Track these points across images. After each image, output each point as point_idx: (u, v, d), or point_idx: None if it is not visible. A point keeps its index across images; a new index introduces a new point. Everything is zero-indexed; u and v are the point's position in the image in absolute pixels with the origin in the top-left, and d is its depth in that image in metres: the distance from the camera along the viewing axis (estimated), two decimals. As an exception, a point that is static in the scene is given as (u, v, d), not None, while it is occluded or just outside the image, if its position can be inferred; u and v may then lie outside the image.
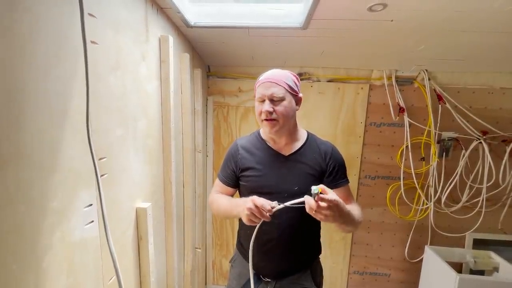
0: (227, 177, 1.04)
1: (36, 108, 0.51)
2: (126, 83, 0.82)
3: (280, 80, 0.90)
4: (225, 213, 0.97)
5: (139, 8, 0.90)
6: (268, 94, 0.89)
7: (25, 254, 0.49)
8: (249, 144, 1.03)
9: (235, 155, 1.02)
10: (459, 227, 1.96)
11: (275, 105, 0.89)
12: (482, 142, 1.79)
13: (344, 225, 0.84)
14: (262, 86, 0.91)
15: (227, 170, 1.04)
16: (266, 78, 0.91)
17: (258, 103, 0.93)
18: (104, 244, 0.73)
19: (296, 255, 1.01)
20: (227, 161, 1.04)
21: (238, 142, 1.05)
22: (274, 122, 0.90)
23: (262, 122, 0.93)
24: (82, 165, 0.64)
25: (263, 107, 0.90)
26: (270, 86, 0.89)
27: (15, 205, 0.47)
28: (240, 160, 1.00)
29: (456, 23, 1.11)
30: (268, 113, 0.89)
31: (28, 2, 0.48)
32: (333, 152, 1.00)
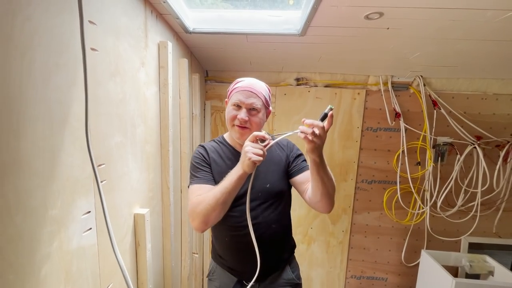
0: (208, 176, 0.94)
1: (36, 116, 0.50)
2: (125, 89, 0.83)
3: (259, 92, 0.92)
4: (223, 194, 0.81)
5: (138, 14, 0.90)
6: (247, 103, 0.90)
7: (22, 264, 0.49)
8: (215, 153, 0.98)
9: (207, 158, 0.96)
10: (454, 231, 1.98)
11: (251, 115, 0.91)
12: (476, 147, 1.82)
13: (324, 174, 0.82)
14: (241, 93, 0.91)
15: (205, 170, 0.94)
16: (247, 87, 0.91)
17: (232, 107, 0.92)
18: (102, 252, 0.73)
19: (277, 252, 1.02)
20: (201, 164, 0.95)
21: (205, 146, 0.99)
22: (246, 130, 0.91)
23: (233, 127, 0.93)
24: (81, 172, 0.63)
25: (239, 114, 0.90)
26: (250, 96, 0.90)
27: (14, 214, 0.47)
28: (211, 164, 0.96)
29: (450, 32, 1.13)
30: (244, 121, 0.89)
31: (28, 10, 0.48)
32: (289, 144, 1.05)
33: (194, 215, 0.84)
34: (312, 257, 2.10)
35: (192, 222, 0.86)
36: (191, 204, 0.87)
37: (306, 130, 0.74)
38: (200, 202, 0.84)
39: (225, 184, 0.81)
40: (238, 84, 0.94)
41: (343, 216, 2.05)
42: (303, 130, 0.74)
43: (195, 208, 0.84)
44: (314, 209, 0.94)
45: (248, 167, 0.77)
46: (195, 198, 0.87)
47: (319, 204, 0.89)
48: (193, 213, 0.85)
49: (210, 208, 0.81)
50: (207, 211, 0.82)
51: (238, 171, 0.80)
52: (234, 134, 0.94)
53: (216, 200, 0.81)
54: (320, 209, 0.92)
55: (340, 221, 2.06)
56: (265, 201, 0.95)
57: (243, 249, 0.95)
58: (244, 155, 0.77)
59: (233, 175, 0.81)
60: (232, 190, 0.81)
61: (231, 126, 0.93)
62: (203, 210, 0.82)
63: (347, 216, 2.05)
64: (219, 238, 1.02)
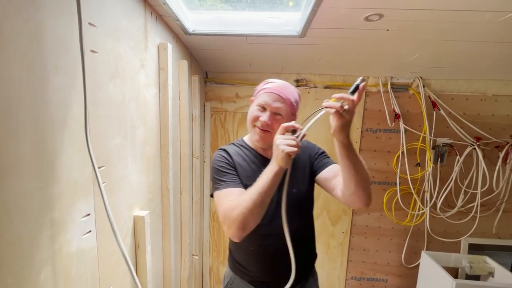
0: (236, 180, 0.87)
1: (35, 118, 0.50)
2: (125, 91, 0.82)
3: (288, 99, 0.87)
4: (261, 194, 0.74)
5: (138, 16, 0.90)
6: (273, 106, 0.85)
7: (22, 267, 0.49)
8: (238, 156, 0.93)
9: (231, 161, 0.91)
10: (454, 232, 1.98)
11: (275, 120, 0.86)
12: (476, 148, 1.82)
13: (354, 158, 0.74)
14: (268, 95, 0.86)
15: (232, 174, 0.88)
16: (276, 90, 0.86)
17: (256, 107, 0.88)
18: (101, 254, 0.73)
19: (303, 262, 0.95)
20: (226, 167, 0.89)
21: (226, 149, 0.94)
22: (267, 133, 0.87)
23: (254, 128, 0.89)
24: (80, 175, 0.63)
25: (262, 116, 0.86)
26: (278, 100, 0.86)
27: (13, 217, 0.46)
28: (236, 168, 0.90)
29: (449, 33, 1.14)
30: (266, 124, 0.86)
31: (28, 12, 0.48)
32: (309, 144, 1.00)
33: (229, 222, 0.75)
34: (312, 258, 2.10)
35: (228, 230, 0.76)
36: (223, 210, 0.79)
37: (334, 104, 0.67)
38: (235, 207, 0.75)
39: (260, 183, 0.74)
40: (268, 85, 0.89)
41: (343, 217, 2.05)
42: (331, 105, 0.68)
43: (230, 214, 0.75)
44: (350, 205, 0.85)
45: (283, 161, 0.70)
46: (228, 204, 0.78)
47: (354, 196, 0.78)
48: (228, 220, 0.75)
49: (248, 212, 0.73)
50: (245, 216, 0.73)
51: (273, 168, 0.74)
52: (254, 135, 0.90)
53: (253, 202, 0.73)
54: (356, 202, 0.80)
55: (340, 222, 2.05)
56: (292, 207, 0.86)
57: (270, 259, 0.91)
58: (276, 149, 0.71)
59: (268, 173, 0.74)
60: (269, 189, 0.74)
61: (252, 126, 0.89)
62: (240, 215, 0.73)
63: (347, 217, 2.05)
64: (241, 247, 0.95)
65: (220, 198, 0.83)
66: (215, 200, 0.86)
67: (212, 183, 0.89)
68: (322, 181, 0.93)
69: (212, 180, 0.89)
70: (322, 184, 0.93)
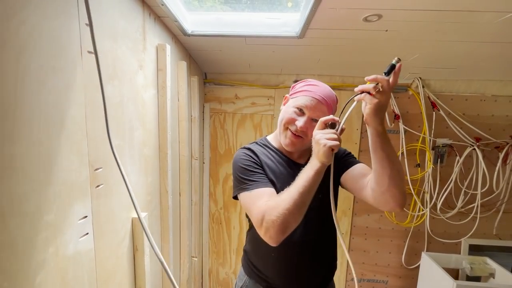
0: (266, 179, 0.81)
1: (32, 120, 0.50)
2: (123, 92, 0.82)
3: (330, 105, 0.81)
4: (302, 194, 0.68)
5: (136, 17, 0.90)
6: (314, 113, 0.79)
7: (17, 271, 0.48)
8: (265, 156, 0.87)
9: (257, 160, 0.84)
10: (455, 233, 1.97)
11: (311, 126, 0.79)
12: (475, 148, 1.82)
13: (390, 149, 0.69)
14: (311, 99, 0.79)
15: (261, 173, 0.81)
16: (321, 94, 0.80)
17: (293, 109, 0.81)
18: (99, 257, 0.72)
19: (326, 272, 0.93)
20: (253, 166, 0.82)
21: (251, 147, 0.88)
22: (299, 139, 0.82)
23: (286, 130, 0.83)
24: (77, 177, 0.63)
25: (299, 120, 0.80)
26: (320, 106, 0.79)
27: (8, 220, 0.46)
28: (264, 168, 0.84)
29: (449, 34, 1.14)
30: (302, 131, 0.80)
31: (24, 14, 0.48)
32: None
33: (267, 225, 0.69)
34: (312, 260, 2.09)
35: (266, 233, 0.70)
36: (259, 212, 0.71)
37: (367, 87, 0.64)
38: (274, 208, 0.69)
39: (301, 182, 0.69)
40: (311, 88, 0.82)
41: (343, 218, 2.04)
42: (364, 88, 0.64)
43: (268, 216, 0.69)
44: (381, 206, 0.76)
45: (325, 157, 0.66)
46: (264, 205, 0.71)
47: (387, 195, 0.71)
48: (267, 223, 0.69)
49: (288, 214, 0.67)
50: (285, 217, 0.67)
51: (314, 165, 0.69)
52: (284, 139, 0.84)
53: (295, 202, 0.67)
54: (390, 201, 0.71)
55: (340, 223, 2.05)
56: (319, 214, 0.83)
57: (294, 268, 0.86)
58: (317, 145, 0.67)
59: (308, 171, 0.69)
60: (311, 188, 0.69)
61: (284, 128, 0.83)
62: (280, 216, 0.67)
63: (347, 218, 2.04)
64: (261, 251, 0.90)
65: (251, 199, 0.77)
66: (244, 201, 0.79)
67: (237, 183, 0.82)
68: (349, 181, 0.85)
69: (237, 180, 0.82)
70: (350, 184, 0.86)
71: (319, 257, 0.89)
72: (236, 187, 0.82)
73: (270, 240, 0.70)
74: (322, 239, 0.88)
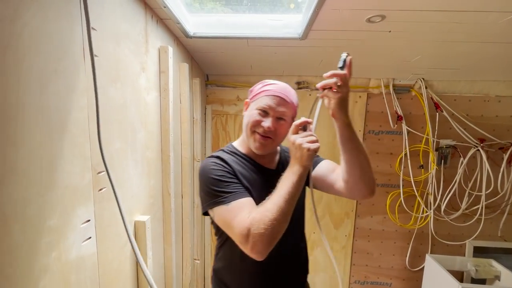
0: (243, 189, 0.75)
1: (34, 124, 0.49)
2: (125, 95, 0.82)
3: (292, 102, 0.80)
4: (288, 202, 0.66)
5: (139, 20, 0.90)
6: (278, 110, 0.78)
7: (20, 277, 0.47)
8: (236, 164, 0.81)
9: (230, 169, 0.78)
10: (459, 235, 1.96)
11: (278, 125, 0.78)
12: (479, 149, 1.80)
13: (357, 140, 0.73)
14: (272, 98, 0.78)
15: (236, 183, 0.76)
16: (281, 92, 0.79)
17: (257, 111, 0.79)
18: (102, 261, 0.71)
19: (303, 278, 0.92)
20: (227, 176, 0.76)
21: (220, 156, 0.81)
22: (268, 140, 0.79)
23: (253, 134, 0.79)
24: (80, 180, 0.62)
25: (265, 121, 0.77)
26: (283, 103, 0.78)
27: (10, 225, 0.45)
28: (238, 177, 0.78)
29: (452, 34, 1.13)
30: (269, 131, 0.77)
31: (27, 16, 0.47)
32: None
33: (255, 239, 0.63)
34: (315, 262, 2.08)
35: (253, 248, 0.64)
36: (243, 227, 0.65)
37: (328, 82, 0.68)
38: (260, 220, 0.64)
39: (285, 189, 0.66)
40: (270, 87, 0.80)
41: (346, 220, 2.03)
42: (326, 84, 0.68)
43: (255, 230, 0.64)
44: (355, 196, 0.79)
45: (309, 160, 0.67)
46: (247, 218, 0.66)
47: (360, 184, 0.74)
48: (254, 237, 0.63)
49: (277, 223, 0.63)
50: (274, 228, 0.63)
51: (297, 171, 0.67)
52: (253, 143, 0.80)
53: (282, 210, 0.64)
54: (363, 190, 0.75)
55: (343, 226, 2.03)
56: (292, 220, 0.79)
57: (272, 279, 0.82)
58: (300, 150, 0.67)
59: (291, 177, 0.67)
60: (296, 194, 0.67)
61: (251, 132, 0.80)
62: (268, 228, 0.63)
63: (350, 220, 2.02)
64: (236, 269, 0.83)
65: (230, 213, 0.70)
66: (220, 216, 0.73)
67: (209, 197, 0.74)
68: (319, 179, 0.85)
69: (209, 193, 0.74)
70: (320, 182, 0.85)
71: (296, 262, 0.87)
72: (208, 202, 0.74)
73: (257, 254, 0.65)
74: (298, 244, 0.87)
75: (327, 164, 0.88)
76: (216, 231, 0.85)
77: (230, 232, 0.71)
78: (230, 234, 0.71)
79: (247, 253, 0.66)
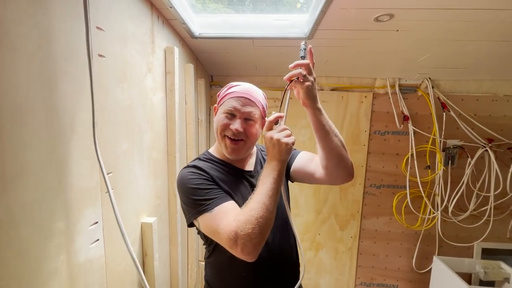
0: (224, 194, 0.74)
1: (43, 126, 0.49)
2: (132, 96, 0.81)
3: (258, 100, 0.80)
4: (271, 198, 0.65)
5: (145, 20, 0.89)
6: (244, 111, 0.76)
7: (29, 280, 0.47)
8: (214, 171, 0.79)
9: (207, 176, 0.76)
10: (467, 237, 1.93)
11: (247, 125, 0.77)
12: (488, 150, 1.77)
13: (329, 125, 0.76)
14: (236, 100, 0.77)
15: (216, 188, 0.74)
16: (244, 93, 0.78)
17: (224, 115, 0.77)
18: (109, 263, 0.71)
19: (296, 277, 0.90)
20: (206, 183, 0.74)
21: (196, 165, 0.79)
22: (240, 143, 0.78)
23: (224, 139, 0.78)
24: (88, 182, 0.62)
25: (233, 124, 0.76)
26: (248, 103, 0.77)
27: (19, 228, 0.45)
28: (218, 183, 0.76)
29: (461, 33, 1.11)
30: (238, 132, 0.75)
31: (35, 18, 0.47)
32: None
33: (244, 240, 0.62)
34: (320, 263, 2.06)
35: (243, 250, 0.63)
36: (230, 231, 0.64)
37: (294, 72, 0.70)
38: (246, 221, 0.63)
39: (267, 186, 0.65)
40: (233, 89, 0.80)
41: (352, 221, 2.01)
42: (292, 75, 0.70)
43: (242, 232, 0.62)
44: (336, 180, 0.80)
45: (288, 154, 0.68)
46: (233, 222, 0.64)
47: (340, 167, 0.77)
48: (242, 239, 0.62)
49: (264, 222, 0.63)
50: (261, 227, 0.62)
51: (275, 166, 0.67)
52: (225, 149, 0.79)
53: (267, 207, 0.63)
54: (343, 173, 0.78)
55: (349, 227, 2.01)
56: (276, 217, 0.78)
57: (266, 279, 0.81)
58: (278, 145, 0.66)
59: (271, 173, 0.66)
60: (278, 190, 0.67)
61: (222, 137, 0.79)
62: (256, 227, 0.62)
63: (356, 221, 2.00)
64: (229, 275, 0.82)
65: (214, 220, 0.68)
66: (205, 224, 0.71)
67: (191, 207, 0.73)
68: (299, 171, 0.86)
69: (191, 203, 0.72)
70: (301, 173, 0.86)
71: (286, 260, 0.86)
72: (191, 212, 0.73)
73: (248, 256, 0.64)
74: (287, 240, 0.86)
75: (305, 155, 0.89)
76: (204, 240, 0.84)
77: (217, 238, 0.69)
78: (218, 240, 0.70)
79: (237, 256, 0.65)
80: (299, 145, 0.94)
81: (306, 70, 0.71)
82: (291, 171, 0.88)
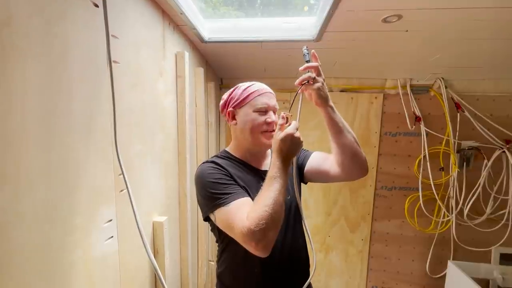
0: (241, 190, 0.76)
1: (64, 129, 0.52)
2: (144, 99, 0.85)
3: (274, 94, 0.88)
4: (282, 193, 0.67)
5: (157, 27, 0.93)
6: (272, 105, 0.83)
7: (51, 272, 0.50)
8: (231, 167, 0.82)
9: (226, 172, 0.79)
10: (484, 241, 1.86)
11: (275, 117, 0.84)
12: (505, 151, 1.71)
13: (342, 123, 0.79)
14: (265, 96, 0.82)
15: (233, 184, 0.77)
16: (266, 89, 0.85)
17: (258, 113, 0.81)
18: (122, 260, 0.74)
19: (306, 276, 0.89)
20: (224, 178, 0.76)
21: (215, 161, 0.82)
22: (273, 133, 0.80)
23: (263, 134, 0.82)
24: (103, 182, 0.65)
25: (269, 117, 0.81)
26: (272, 97, 0.85)
27: (42, 224, 0.48)
28: (235, 179, 0.79)
29: (474, 32, 1.09)
30: (275, 123, 0.79)
31: (58, 27, 0.50)
32: None
33: (259, 235, 0.63)
34: (331, 266, 2.04)
35: (258, 245, 0.64)
36: (243, 226, 0.65)
37: (304, 76, 0.74)
38: (260, 216, 0.63)
39: (278, 181, 0.67)
40: (254, 87, 0.83)
41: (362, 224, 1.98)
42: (304, 78, 0.74)
43: (257, 226, 0.63)
44: (352, 175, 0.83)
45: (298, 149, 0.73)
46: (249, 216, 0.66)
47: (355, 161, 0.80)
48: (258, 233, 0.63)
49: (277, 216, 0.65)
50: (275, 221, 0.64)
51: (284, 163, 0.70)
52: (261, 144, 0.82)
53: (279, 202, 0.65)
54: (356, 169, 0.81)
55: (359, 229, 1.99)
56: (289, 216, 0.82)
57: (278, 277, 0.82)
58: (289, 140, 0.70)
59: (280, 169, 0.69)
60: (285, 186, 0.69)
61: (260, 133, 0.81)
62: (269, 222, 0.63)
63: (367, 224, 1.98)
64: (242, 271, 0.83)
65: (230, 214, 0.70)
66: (221, 218, 0.72)
67: (208, 201, 0.75)
68: (314, 170, 0.89)
69: (208, 197, 0.74)
70: (316, 172, 0.89)
71: (297, 259, 0.87)
72: (208, 206, 0.75)
73: (263, 250, 0.65)
74: (297, 237, 0.87)
75: (318, 154, 0.92)
76: (218, 236, 0.86)
77: (232, 233, 0.70)
78: (232, 235, 0.71)
79: (251, 251, 0.66)
80: (308, 147, 0.95)
81: (316, 72, 0.75)
82: (305, 172, 0.90)
